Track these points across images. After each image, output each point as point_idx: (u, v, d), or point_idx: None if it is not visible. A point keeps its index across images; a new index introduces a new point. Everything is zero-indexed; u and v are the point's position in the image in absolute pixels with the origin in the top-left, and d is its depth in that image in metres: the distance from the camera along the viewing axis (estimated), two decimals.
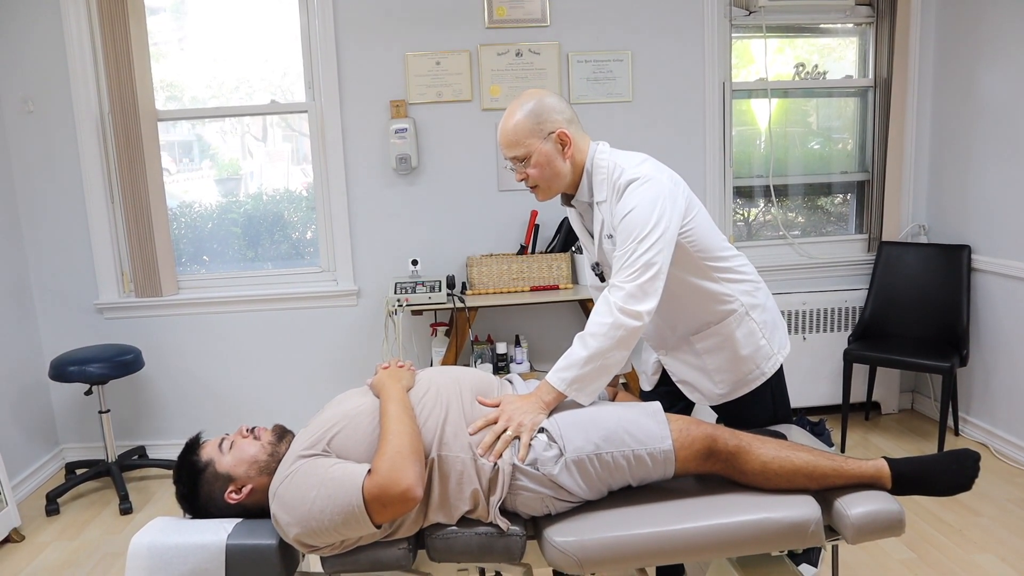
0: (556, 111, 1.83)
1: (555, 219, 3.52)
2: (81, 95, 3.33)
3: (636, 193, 1.76)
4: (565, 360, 1.74)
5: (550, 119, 1.82)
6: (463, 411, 1.70)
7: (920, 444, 3.44)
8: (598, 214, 1.87)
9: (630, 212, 1.75)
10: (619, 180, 1.80)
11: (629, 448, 1.65)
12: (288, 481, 1.55)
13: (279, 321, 3.58)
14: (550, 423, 1.69)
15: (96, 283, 3.48)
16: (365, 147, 3.48)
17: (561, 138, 1.82)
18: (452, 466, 1.62)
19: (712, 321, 1.95)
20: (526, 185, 1.90)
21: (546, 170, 1.84)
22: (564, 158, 1.84)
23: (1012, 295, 3.21)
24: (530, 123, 1.81)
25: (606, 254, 1.88)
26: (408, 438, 1.56)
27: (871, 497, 1.67)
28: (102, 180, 3.40)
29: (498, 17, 3.44)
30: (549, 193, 1.91)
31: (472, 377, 1.83)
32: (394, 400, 1.66)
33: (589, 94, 3.52)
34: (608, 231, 1.84)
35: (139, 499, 3.22)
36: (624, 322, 1.70)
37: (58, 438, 3.59)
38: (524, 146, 1.82)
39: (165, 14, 3.54)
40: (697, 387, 2.05)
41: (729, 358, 1.97)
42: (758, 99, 3.74)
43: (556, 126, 1.82)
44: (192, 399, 3.61)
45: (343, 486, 1.51)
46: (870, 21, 3.65)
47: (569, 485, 1.64)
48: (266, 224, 3.70)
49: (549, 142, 1.82)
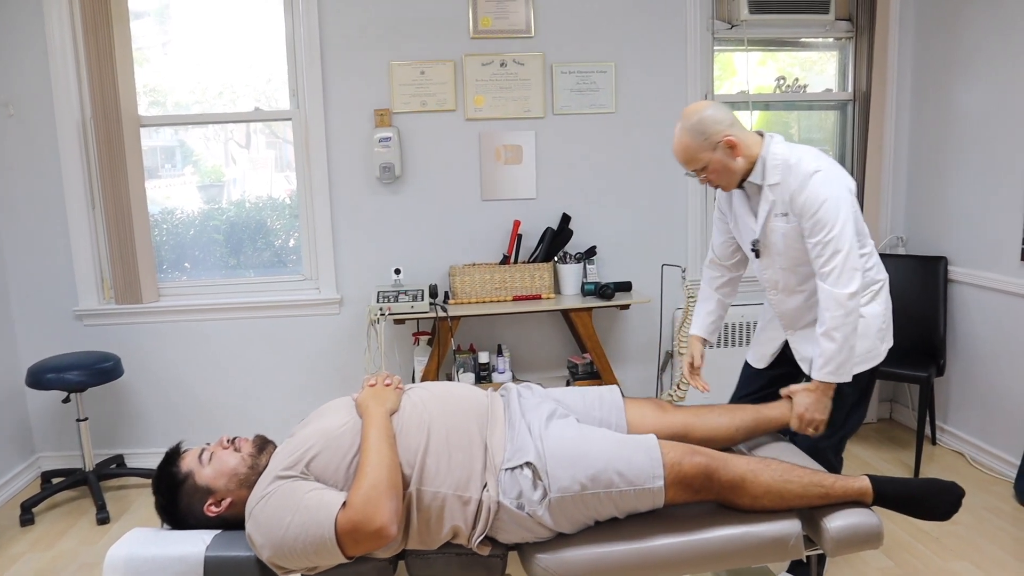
0: (717, 122, 2.02)
1: (538, 229, 3.54)
2: (63, 99, 3.30)
3: (825, 186, 1.95)
4: (822, 359, 1.95)
5: (714, 131, 2.01)
6: (447, 438, 1.66)
7: (899, 453, 3.47)
8: (768, 195, 2.06)
9: (823, 204, 1.93)
10: (799, 167, 1.99)
11: (617, 489, 1.62)
12: (264, 503, 1.54)
13: (261, 329, 3.56)
14: (537, 458, 1.64)
15: (76, 289, 3.44)
16: (349, 155, 3.48)
17: (729, 144, 2.02)
18: (432, 501, 1.60)
19: None
20: (710, 185, 2.14)
21: (723, 173, 2.07)
22: (735, 157, 2.04)
23: (987, 306, 3.26)
24: (698, 140, 2.02)
25: (770, 232, 2.10)
26: (386, 471, 1.52)
27: (850, 511, 1.69)
28: (83, 185, 3.37)
29: (483, 27, 3.46)
30: (730, 185, 2.12)
31: (460, 398, 1.78)
32: (376, 426, 1.61)
33: (572, 105, 3.54)
34: (781, 210, 2.04)
35: (117, 509, 3.19)
36: (851, 306, 1.92)
37: (34, 446, 3.55)
38: (699, 160, 2.04)
39: (149, 18, 3.52)
40: (807, 358, 2.18)
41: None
42: (740, 111, 3.78)
43: (721, 136, 2.01)
44: (173, 407, 3.58)
45: (317, 517, 1.48)
46: (850, 36, 3.71)
47: (552, 524, 1.62)
48: (249, 231, 3.69)
49: (719, 150, 2.03)
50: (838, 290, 1.92)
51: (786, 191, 2.02)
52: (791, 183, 2.01)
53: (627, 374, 3.69)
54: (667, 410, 1.97)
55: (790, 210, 2.03)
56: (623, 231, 3.65)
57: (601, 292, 3.38)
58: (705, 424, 1.96)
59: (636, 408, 1.95)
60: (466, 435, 1.68)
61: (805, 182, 1.97)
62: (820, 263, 1.95)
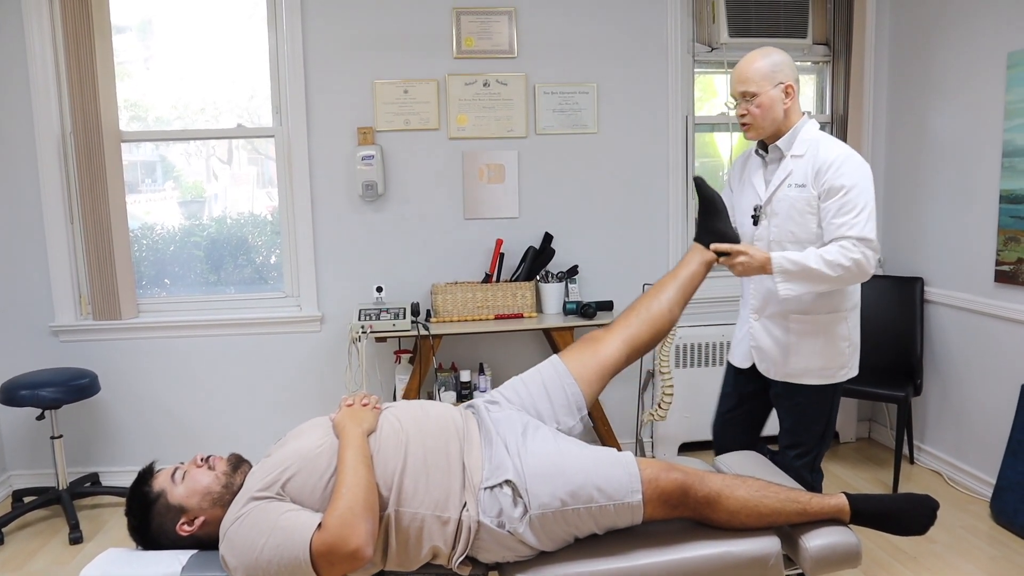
0: (791, 68, 2.15)
1: (520, 248, 3.55)
2: (43, 113, 3.28)
3: (859, 171, 2.06)
4: (793, 259, 2.02)
5: (784, 72, 2.13)
6: (424, 458, 1.65)
7: (877, 472, 3.50)
8: (788, 164, 2.16)
9: (854, 186, 2.04)
10: (832, 146, 2.10)
11: (596, 504, 1.63)
12: (239, 524, 1.52)
13: (241, 346, 3.53)
14: (516, 475, 1.64)
15: (52, 305, 3.40)
16: (331, 173, 3.48)
17: (787, 90, 2.13)
18: (411, 523, 1.59)
19: (821, 309, 2.20)
20: (741, 122, 2.20)
21: (767, 112, 2.14)
22: (784, 107, 2.14)
23: (963, 326, 3.31)
24: (768, 69, 2.12)
25: (778, 200, 2.17)
26: (363, 492, 1.51)
27: (829, 530, 1.70)
28: (62, 200, 3.34)
29: (466, 48, 3.48)
30: (759, 133, 2.19)
31: (436, 418, 1.77)
32: (352, 447, 1.60)
33: (555, 125, 3.57)
34: (799, 180, 2.13)
35: (90, 528, 3.13)
36: (861, 260, 2.01)
37: (6, 464, 3.48)
38: (756, 84, 2.12)
39: (131, 32, 3.51)
40: (769, 356, 2.27)
41: (815, 348, 2.21)
42: (720, 132, 3.83)
43: (787, 79, 2.13)
44: (150, 425, 3.53)
45: (291, 538, 1.47)
46: (827, 60, 3.78)
47: (533, 542, 1.62)
48: (229, 248, 3.67)
49: (778, 90, 2.12)
50: (865, 252, 2.01)
51: (810, 163, 2.11)
52: (821, 155, 2.09)
53: (608, 393, 3.66)
54: (599, 341, 2.04)
55: (810, 181, 2.10)
56: (605, 250, 3.67)
57: (583, 311, 3.39)
58: (642, 325, 2.05)
59: (574, 361, 2.00)
60: (444, 455, 1.67)
61: (842, 156, 2.08)
62: (849, 236, 2.02)
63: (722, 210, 2.18)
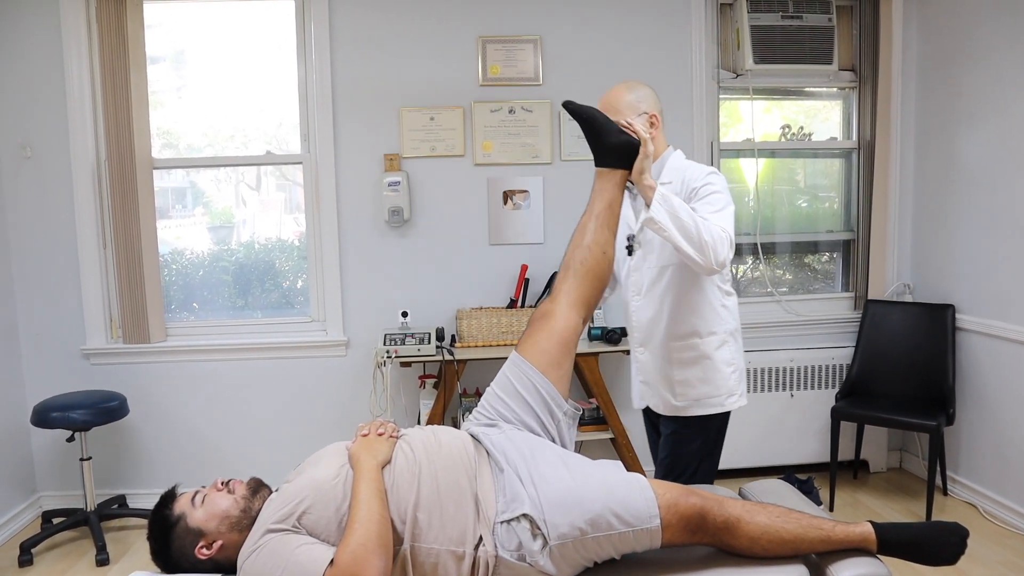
0: (655, 99, 2.21)
1: (545, 273, 3.55)
2: (79, 142, 3.36)
3: (721, 181, 2.10)
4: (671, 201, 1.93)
5: (648, 103, 2.17)
6: (438, 491, 1.63)
7: (909, 503, 3.42)
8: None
9: (718, 191, 2.05)
10: (698, 168, 2.14)
11: (616, 531, 1.60)
12: (255, 556, 1.51)
13: (267, 370, 3.56)
14: (533, 507, 1.60)
15: (84, 328, 3.46)
16: (358, 199, 3.52)
17: (652, 120, 2.16)
18: (427, 558, 1.57)
19: (699, 333, 2.16)
20: None
21: None
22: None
23: (996, 354, 3.24)
24: (631, 98, 2.16)
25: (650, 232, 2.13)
26: (376, 527, 1.50)
27: (858, 561, 1.66)
28: (95, 226, 3.42)
29: (492, 75, 3.52)
30: None
31: (447, 446, 1.74)
32: (365, 479, 1.58)
33: (580, 151, 3.58)
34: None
35: (117, 550, 3.15)
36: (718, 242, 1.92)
37: (36, 486, 3.53)
38: (620, 114, 2.11)
39: (165, 63, 3.60)
40: (656, 391, 2.25)
41: (698, 375, 2.17)
42: (746, 158, 3.82)
43: (651, 109, 2.17)
44: (177, 447, 3.56)
45: (304, 573, 1.46)
46: (853, 86, 3.76)
47: (552, 570, 1.59)
48: (257, 272, 3.71)
49: (641, 120, 2.12)
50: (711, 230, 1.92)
51: (679, 188, 2.11)
52: (688, 176, 2.12)
53: (634, 420, 3.64)
54: (550, 315, 1.94)
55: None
56: None
57: (608, 337, 3.38)
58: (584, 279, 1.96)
59: (533, 350, 1.92)
60: (456, 487, 1.65)
61: (707, 170, 2.12)
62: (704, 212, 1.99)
63: (604, 122, 2.04)
